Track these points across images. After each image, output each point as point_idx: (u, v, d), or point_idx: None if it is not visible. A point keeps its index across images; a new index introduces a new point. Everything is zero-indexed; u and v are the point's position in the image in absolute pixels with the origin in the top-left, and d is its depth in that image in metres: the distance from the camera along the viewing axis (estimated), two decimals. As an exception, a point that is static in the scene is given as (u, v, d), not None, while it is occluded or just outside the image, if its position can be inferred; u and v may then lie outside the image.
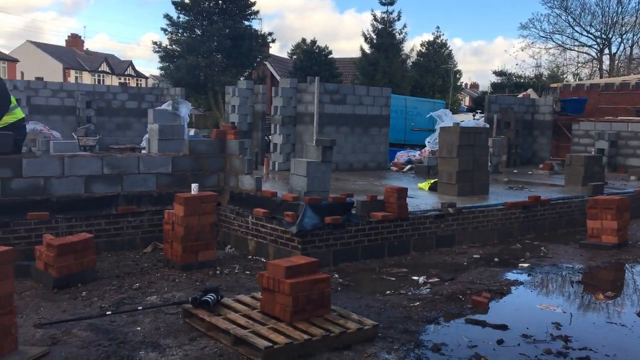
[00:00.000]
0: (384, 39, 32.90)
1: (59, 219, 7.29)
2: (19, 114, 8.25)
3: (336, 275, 6.81)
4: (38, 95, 17.52)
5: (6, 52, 50.26)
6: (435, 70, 39.29)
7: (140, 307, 5.36)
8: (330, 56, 33.80)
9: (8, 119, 8.02)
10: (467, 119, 21.47)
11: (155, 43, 30.00)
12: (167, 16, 29.12)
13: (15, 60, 47.71)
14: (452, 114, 17.34)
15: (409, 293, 6.26)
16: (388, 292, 6.29)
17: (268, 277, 4.92)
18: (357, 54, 35.14)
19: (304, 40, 37.52)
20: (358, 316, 5.00)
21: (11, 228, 6.95)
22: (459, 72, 44.84)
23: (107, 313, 5.18)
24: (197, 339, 4.70)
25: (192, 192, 7.21)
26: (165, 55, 29.46)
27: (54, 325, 4.88)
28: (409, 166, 14.69)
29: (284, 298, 4.78)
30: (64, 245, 6.00)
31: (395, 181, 11.80)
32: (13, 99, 8.29)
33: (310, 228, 7.11)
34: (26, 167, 7.22)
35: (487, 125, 14.54)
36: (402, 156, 15.87)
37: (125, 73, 59.75)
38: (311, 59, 32.50)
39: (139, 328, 4.90)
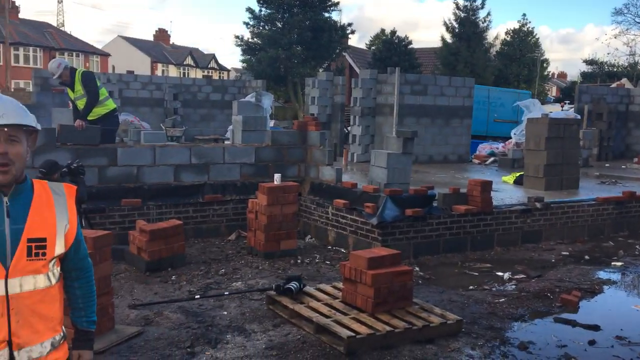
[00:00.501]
0: (467, 27, 32.05)
1: (150, 205, 7.65)
2: (110, 105, 8.60)
3: (417, 269, 6.73)
4: (129, 87, 18.40)
5: (99, 46, 53.10)
6: (521, 60, 37.84)
7: (226, 293, 5.54)
8: (410, 46, 33.31)
9: (100, 110, 8.37)
10: (555, 110, 20.54)
11: (237, 37, 30.73)
12: (249, 9, 29.77)
13: (107, 55, 50.32)
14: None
15: (494, 289, 6.10)
16: (471, 287, 6.16)
17: (350, 267, 4.95)
18: (437, 43, 34.45)
19: (383, 30, 37.27)
20: (441, 310, 4.93)
21: (107, 213, 7.36)
22: (546, 61, 42.93)
23: (196, 297, 5.40)
24: (280, 325, 4.81)
25: (275, 182, 7.35)
26: (247, 48, 30.12)
27: (146, 307, 5.14)
28: (491, 159, 14.26)
29: (366, 289, 4.79)
30: (155, 230, 6.30)
31: (478, 174, 11.50)
32: (104, 91, 8.63)
33: (390, 220, 7.07)
34: (121, 156, 7.62)
35: (578, 117, 13.84)
36: (484, 148, 15.42)
37: (209, 66, 61.57)
38: (390, 50, 32.16)
39: (225, 312, 5.07)
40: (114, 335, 4.39)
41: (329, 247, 7.86)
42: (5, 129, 1.98)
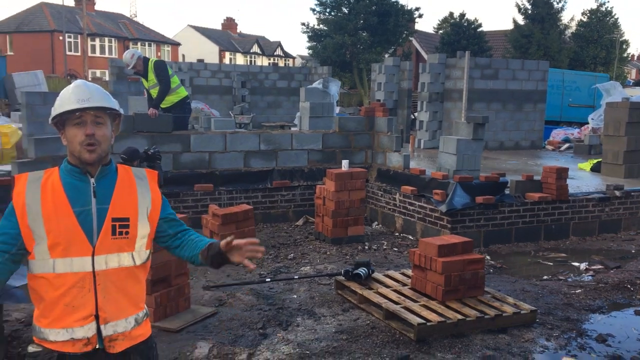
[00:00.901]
0: (540, 8, 30.74)
1: (222, 190, 7.85)
2: (182, 92, 8.79)
3: (487, 257, 6.60)
4: (199, 76, 18.85)
5: (170, 36, 54.58)
6: (598, 41, 35.92)
7: (296, 277, 5.62)
8: (480, 29, 32.35)
9: (172, 98, 8.58)
10: (636, 94, 19.45)
11: (303, 24, 30.83)
12: (315, -4, 29.77)
13: (178, 44, 51.70)
14: (618, 88, 15.78)
15: (569, 279, 5.90)
16: (545, 277, 5.98)
17: (419, 254, 4.90)
18: (508, 25, 33.28)
19: (451, 14, 36.34)
20: (514, 300, 4.82)
21: (181, 198, 7.61)
22: (625, 42, 40.60)
23: (267, 280, 5.51)
24: (349, 310, 4.83)
25: (343, 168, 7.36)
26: (313, 34, 30.17)
27: (220, 288, 5.29)
28: (566, 145, 13.71)
29: (436, 276, 4.74)
30: (227, 215, 6.45)
31: (552, 161, 11.09)
32: (176, 79, 8.80)
33: (460, 207, 6.95)
34: (194, 142, 7.84)
35: (662, 100, 13.04)
36: (558, 134, 14.84)
37: (275, 53, 62.17)
38: (459, 33, 31.33)
39: (295, 296, 5.15)
40: (190, 315, 4.55)
41: (396, 233, 7.81)
42: (92, 112, 2.10)
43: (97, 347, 2.08)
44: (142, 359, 2.19)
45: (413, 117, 15.39)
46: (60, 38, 38.50)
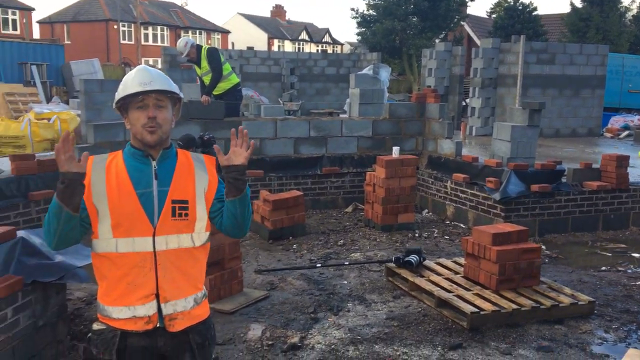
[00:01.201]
0: (599, -10, 29.47)
1: (272, 177, 7.92)
2: (233, 79, 8.87)
3: (543, 247, 6.42)
4: (249, 63, 19.01)
5: (219, 24, 55.21)
6: (661, 24, 34.19)
7: (346, 263, 5.63)
8: (535, 13, 31.34)
9: (224, 85, 8.68)
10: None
11: (352, 9, 30.61)
12: (365, -19, 29.44)
13: (227, 32, 52.26)
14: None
15: (629, 271, 5.69)
16: (603, 268, 5.79)
17: (473, 242, 4.82)
18: (565, 9, 32.09)
19: (505, -3, 35.34)
20: (571, 290, 4.69)
21: (232, 183, 7.70)
22: (691, 24, 38.52)
23: (317, 265, 5.54)
24: (400, 297, 4.81)
25: (393, 155, 7.30)
26: (362, 20, 29.92)
27: (271, 272, 5.36)
28: (626, 132, 13.19)
29: (490, 265, 4.65)
30: (278, 200, 6.52)
31: (610, 148, 10.69)
32: (228, 66, 8.87)
33: (514, 195, 6.79)
34: (245, 129, 7.90)
35: None
36: (617, 121, 14.28)
37: (323, 40, 62.07)
38: (513, 17, 30.43)
39: (345, 282, 5.16)
40: (243, 298, 4.63)
41: (447, 222, 7.71)
42: (154, 95, 2.15)
43: (157, 325, 2.14)
44: (201, 339, 2.24)
45: (464, 104, 15.10)
46: (115, 27, 39.54)
